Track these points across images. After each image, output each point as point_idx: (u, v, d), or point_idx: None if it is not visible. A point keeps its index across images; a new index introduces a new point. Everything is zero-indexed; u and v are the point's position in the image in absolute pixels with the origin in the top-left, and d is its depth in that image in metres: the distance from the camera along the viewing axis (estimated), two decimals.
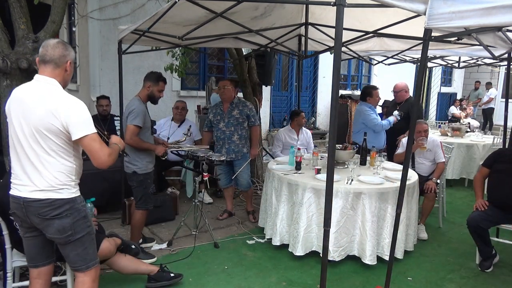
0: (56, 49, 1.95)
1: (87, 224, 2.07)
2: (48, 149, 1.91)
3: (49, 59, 1.95)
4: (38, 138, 1.90)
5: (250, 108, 4.26)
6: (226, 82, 4.21)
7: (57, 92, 1.93)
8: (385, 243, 3.27)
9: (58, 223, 1.96)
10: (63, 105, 1.88)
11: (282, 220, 3.51)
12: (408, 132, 2.61)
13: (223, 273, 3.21)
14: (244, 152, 4.25)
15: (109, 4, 5.92)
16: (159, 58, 6.26)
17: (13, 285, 2.54)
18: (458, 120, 9.89)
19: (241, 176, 4.24)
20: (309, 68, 9.23)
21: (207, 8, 2.95)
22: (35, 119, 1.89)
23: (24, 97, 1.94)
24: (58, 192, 1.95)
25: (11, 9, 3.09)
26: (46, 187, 1.93)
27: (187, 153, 3.69)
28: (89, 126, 1.91)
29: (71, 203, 1.98)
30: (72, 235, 2.00)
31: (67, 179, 1.97)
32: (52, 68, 1.96)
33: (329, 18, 3.85)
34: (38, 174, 1.93)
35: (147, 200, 3.41)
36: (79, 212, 2.02)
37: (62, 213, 1.96)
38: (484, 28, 2.20)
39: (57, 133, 1.90)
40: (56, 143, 1.92)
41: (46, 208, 1.94)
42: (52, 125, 1.88)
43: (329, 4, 2.02)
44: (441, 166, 4.22)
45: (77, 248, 2.05)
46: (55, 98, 1.89)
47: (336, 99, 2.07)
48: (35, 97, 1.91)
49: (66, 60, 1.98)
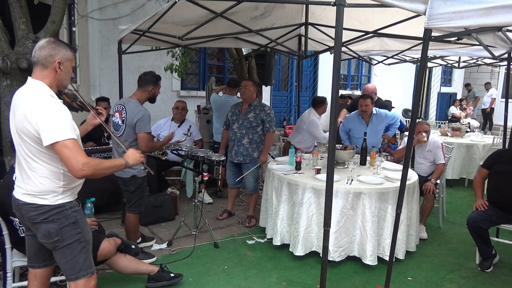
0: (43, 50, 1.87)
1: (77, 231, 1.95)
2: (29, 153, 1.86)
3: (36, 60, 1.88)
4: (21, 142, 1.87)
5: (268, 113, 4.14)
6: (248, 83, 4.16)
7: (36, 95, 1.83)
8: (385, 243, 3.27)
9: (44, 227, 1.90)
10: (36, 109, 1.78)
11: (283, 220, 3.51)
12: (408, 132, 2.60)
13: (223, 273, 3.21)
14: (254, 157, 4.18)
15: (109, 4, 5.92)
16: (159, 58, 6.26)
17: (13, 285, 2.54)
18: (458, 120, 9.89)
19: (247, 179, 4.22)
20: (309, 68, 9.23)
21: (207, 8, 2.96)
22: (16, 123, 1.85)
23: (13, 100, 1.92)
24: (43, 198, 1.88)
25: (11, 9, 3.09)
26: (32, 192, 1.88)
27: (187, 153, 3.69)
28: (61, 132, 1.76)
29: (58, 208, 1.90)
30: (59, 241, 1.91)
31: (53, 184, 1.89)
32: (40, 69, 1.88)
33: (329, 18, 3.86)
34: (27, 177, 1.89)
35: (141, 203, 3.41)
36: (67, 218, 1.92)
37: (48, 218, 1.89)
38: (484, 28, 2.20)
39: (32, 138, 1.82)
40: (36, 148, 1.84)
41: (34, 212, 1.89)
42: (27, 130, 1.81)
43: (329, 4, 2.02)
44: (440, 167, 4.22)
45: (65, 256, 1.95)
46: (31, 102, 1.81)
47: (336, 99, 2.08)
48: (18, 101, 1.88)
49: (54, 60, 1.87)
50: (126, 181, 3.26)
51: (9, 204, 2.33)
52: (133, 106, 3.16)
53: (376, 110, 4.71)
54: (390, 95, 6.06)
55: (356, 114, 4.81)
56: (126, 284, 2.96)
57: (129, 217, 3.37)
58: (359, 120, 4.74)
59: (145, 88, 3.26)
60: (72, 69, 2.01)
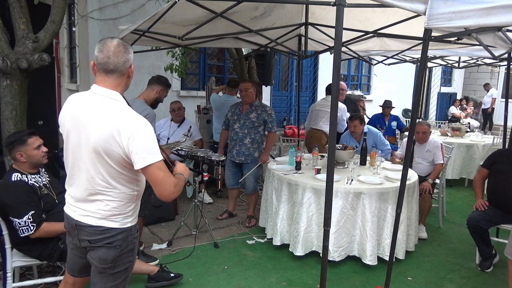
0: (119, 55, 1.66)
1: (129, 259, 1.79)
2: (107, 175, 1.65)
3: (113, 67, 1.65)
4: (97, 162, 1.64)
5: (269, 113, 4.15)
6: (247, 85, 4.13)
7: (121, 110, 1.63)
8: (385, 243, 3.27)
9: (103, 252, 1.72)
10: (127, 128, 1.57)
11: (283, 220, 3.51)
12: (408, 132, 2.60)
13: (223, 273, 3.21)
14: (255, 157, 4.18)
15: (109, 4, 5.92)
16: (159, 58, 6.26)
17: (13, 285, 2.54)
18: (458, 120, 9.89)
19: (248, 179, 4.22)
20: (309, 68, 9.23)
21: (207, 8, 2.95)
22: (94, 141, 1.61)
23: (79, 114, 1.67)
24: (113, 220, 1.71)
25: (11, 9, 3.09)
26: (101, 215, 1.70)
27: (187, 153, 3.69)
28: (154, 154, 1.60)
29: (125, 233, 1.74)
30: (111, 268, 1.74)
31: (125, 207, 1.72)
32: (116, 77, 1.67)
33: (329, 18, 3.85)
34: (97, 199, 1.69)
35: (146, 206, 3.30)
36: (127, 244, 1.76)
37: (113, 242, 1.71)
38: (484, 28, 2.20)
39: (118, 160, 1.63)
40: (116, 170, 1.65)
41: (98, 236, 1.70)
42: (113, 151, 1.60)
43: (329, 4, 2.02)
44: (438, 168, 4.22)
45: (107, 282, 1.77)
46: (117, 118, 1.60)
47: (336, 99, 2.07)
48: (94, 115, 1.63)
49: (129, 65, 1.71)
50: None
51: (8, 204, 2.34)
52: (139, 105, 3.13)
53: (367, 128, 4.62)
54: (390, 95, 6.05)
55: (348, 133, 4.78)
56: None
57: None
58: (351, 138, 4.70)
59: (154, 87, 3.24)
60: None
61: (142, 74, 6.32)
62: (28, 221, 2.33)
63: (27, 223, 2.34)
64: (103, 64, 1.65)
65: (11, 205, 2.33)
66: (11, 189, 2.36)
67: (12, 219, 2.36)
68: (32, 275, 2.91)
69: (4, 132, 3.13)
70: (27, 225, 2.34)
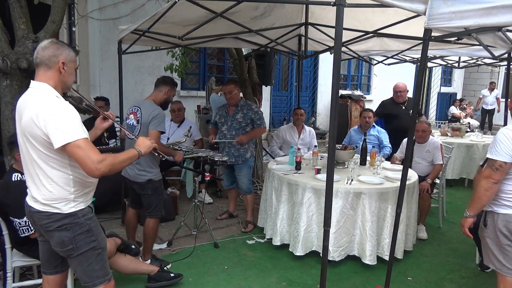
0: (46, 50, 1.80)
1: (91, 239, 1.90)
2: (38, 159, 1.78)
3: (39, 61, 1.81)
4: (29, 148, 1.79)
5: (256, 111, 4.11)
6: (230, 87, 4.06)
7: (42, 97, 1.76)
8: (385, 243, 3.27)
9: (57, 236, 1.85)
10: (43, 112, 1.70)
11: (282, 220, 3.51)
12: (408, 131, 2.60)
13: (223, 273, 3.21)
14: (247, 157, 4.15)
15: (109, 4, 5.91)
16: (159, 58, 6.26)
17: (13, 285, 2.54)
18: (458, 120, 9.89)
19: (240, 180, 4.19)
20: (309, 68, 9.23)
21: (207, 8, 2.95)
22: (23, 128, 1.78)
23: (18, 105, 1.85)
24: (55, 206, 1.82)
25: (11, 9, 3.09)
26: (43, 200, 1.82)
27: (187, 153, 3.69)
28: (70, 133, 1.69)
29: (70, 217, 1.84)
30: (73, 249, 1.87)
31: (63, 192, 1.82)
32: (43, 70, 1.81)
33: (329, 18, 3.85)
34: (39, 184, 1.82)
35: (161, 207, 3.27)
36: (80, 226, 1.86)
37: (61, 226, 1.83)
38: (484, 28, 2.20)
39: (41, 142, 1.74)
40: (45, 153, 1.76)
41: (46, 220, 1.84)
42: (35, 134, 1.73)
43: (329, 4, 2.02)
44: (437, 168, 4.22)
45: (81, 264, 1.91)
46: (37, 105, 1.73)
47: (336, 99, 2.07)
48: (23, 105, 1.80)
49: (58, 61, 1.81)
50: (143, 185, 3.11)
51: (8, 204, 2.34)
52: (149, 106, 3.09)
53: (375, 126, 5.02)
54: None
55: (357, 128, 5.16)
56: (126, 284, 2.96)
57: (149, 222, 3.20)
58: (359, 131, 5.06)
59: (162, 89, 3.20)
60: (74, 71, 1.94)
61: (142, 74, 6.32)
62: (28, 221, 2.33)
63: (27, 223, 2.34)
64: (34, 59, 1.85)
65: (11, 205, 2.33)
66: (11, 189, 2.36)
67: (12, 219, 2.36)
68: (32, 275, 2.91)
69: (4, 132, 3.13)
70: (27, 225, 2.35)
